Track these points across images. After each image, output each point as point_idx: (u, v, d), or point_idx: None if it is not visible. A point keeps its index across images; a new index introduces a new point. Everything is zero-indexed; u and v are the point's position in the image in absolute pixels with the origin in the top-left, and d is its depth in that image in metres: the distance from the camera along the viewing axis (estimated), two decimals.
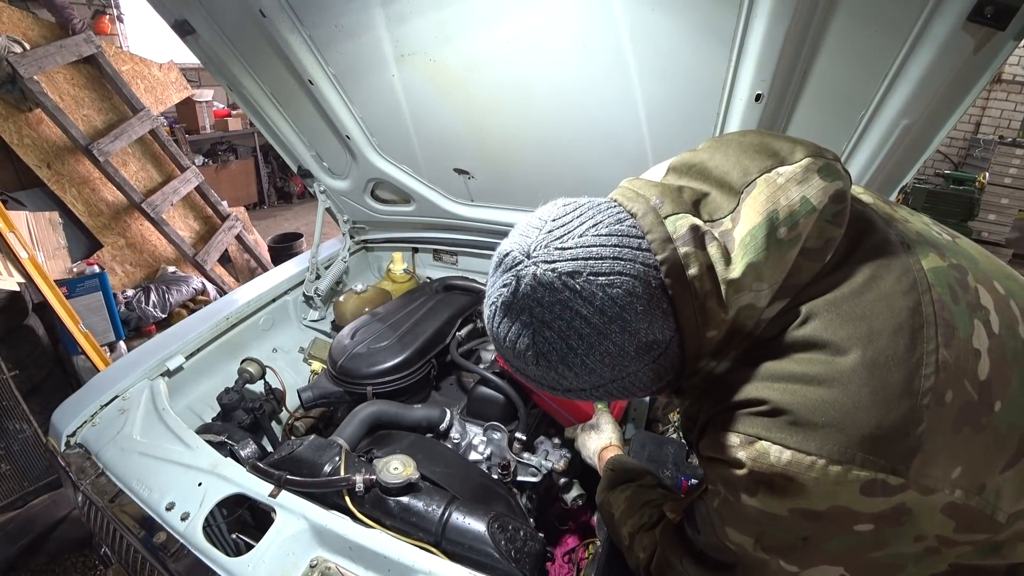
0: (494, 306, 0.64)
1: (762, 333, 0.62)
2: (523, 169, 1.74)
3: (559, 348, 0.60)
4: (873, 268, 0.60)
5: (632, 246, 0.60)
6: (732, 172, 0.64)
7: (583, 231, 0.60)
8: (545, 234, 0.61)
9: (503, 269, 0.63)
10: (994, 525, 0.59)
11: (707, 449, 0.66)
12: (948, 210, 5.48)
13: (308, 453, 1.25)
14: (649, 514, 0.87)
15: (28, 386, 2.46)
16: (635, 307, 0.58)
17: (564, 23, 1.27)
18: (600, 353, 0.60)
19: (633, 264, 0.59)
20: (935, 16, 0.96)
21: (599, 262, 0.58)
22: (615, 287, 0.58)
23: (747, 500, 0.61)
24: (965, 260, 0.64)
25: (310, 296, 2.09)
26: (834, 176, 0.61)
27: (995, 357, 0.58)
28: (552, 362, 0.62)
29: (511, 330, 0.62)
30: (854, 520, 0.57)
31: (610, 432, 1.25)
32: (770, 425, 0.58)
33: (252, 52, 1.69)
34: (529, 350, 0.62)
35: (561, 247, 0.60)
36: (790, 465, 0.56)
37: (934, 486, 0.55)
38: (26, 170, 3.45)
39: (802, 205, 0.59)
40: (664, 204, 0.62)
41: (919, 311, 0.57)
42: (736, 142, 0.68)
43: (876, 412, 0.54)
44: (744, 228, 0.60)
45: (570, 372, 0.62)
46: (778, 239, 0.58)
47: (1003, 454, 0.58)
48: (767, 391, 0.59)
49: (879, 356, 0.56)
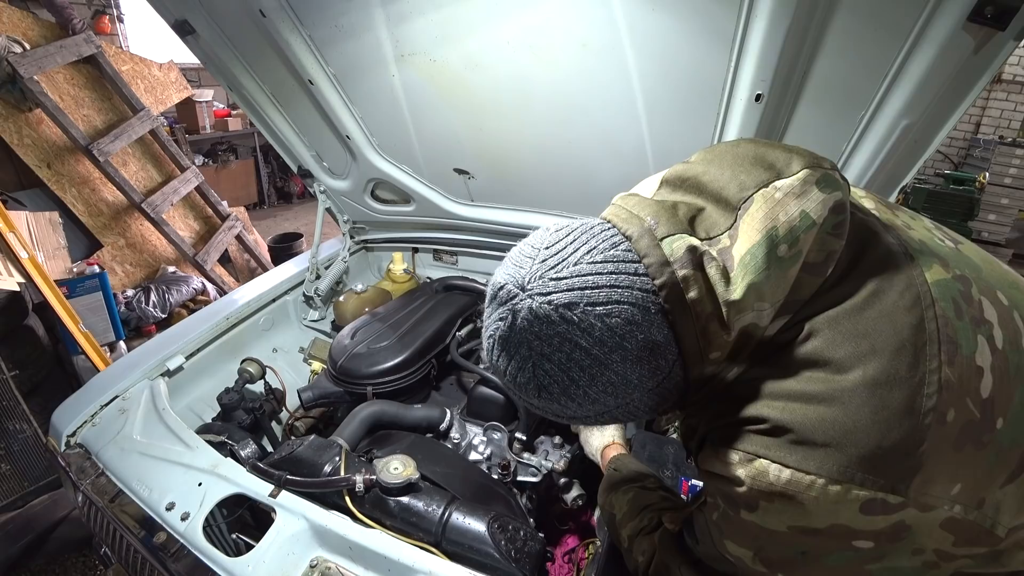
0: (492, 339, 0.63)
1: (763, 351, 0.62)
2: (523, 169, 1.74)
3: (560, 380, 0.60)
4: (876, 282, 0.59)
5: (628, 272, 0.58)
6: (728, 187, 0.62)
7: (577, 259, 0.59)
8: (539, 264, 0.60)
9: (498, 303, 0.61)
10: (993, 539, 0.58)
11: (706, 463, 0.65)
12: (948, 210, 5.47)
13: (308, 453, 1.25)
14: (649, 518, 0.87)
15: (28, 386, 2.46)
16: (635, 335, 0.57)
17: (564, 23, 1.27)
18: (603, 383, 0.59)
19: (631, 291, 0.57)
20: (935, 16, 0.96)
21: (596, 292, 0.57)
22: (613, 316, 0.56)
23: (746, 516, 0.60)
24: (969, 270, 0.63)
25: (310, 296, 2.09)
26: (833, 187, 0.60)
27: (998, 374, 0.57)
28: (554, 394, 0.61)
29: (511, 364, 0.61)
30: (853, 536, 0.56)
31: (614, 430, 1.24)
32: (770, 444, 0.57)
33: (252, 52, 1.69)
34: (531, 383, 0.61)
35: (556, 277, 0.58)
36: (789, 484, 0.56)
37: (934, 503, 0.55)
38: (26, 170, 3.46)
39: (802, 220, 0.57)
40: (659, 224, 0.60)
41: (922, 328, 0.56)
42: (731, 153, 0.66)
43: (877, 432, 0.54)
44: (743, 247, 0.58)
45: (573, 403, 0.62)
46: (779, 257, 0.57)
47: (1004, 470, 0.57)
48: (767, 409, 0.58)
49: (881, 375, 0.55)
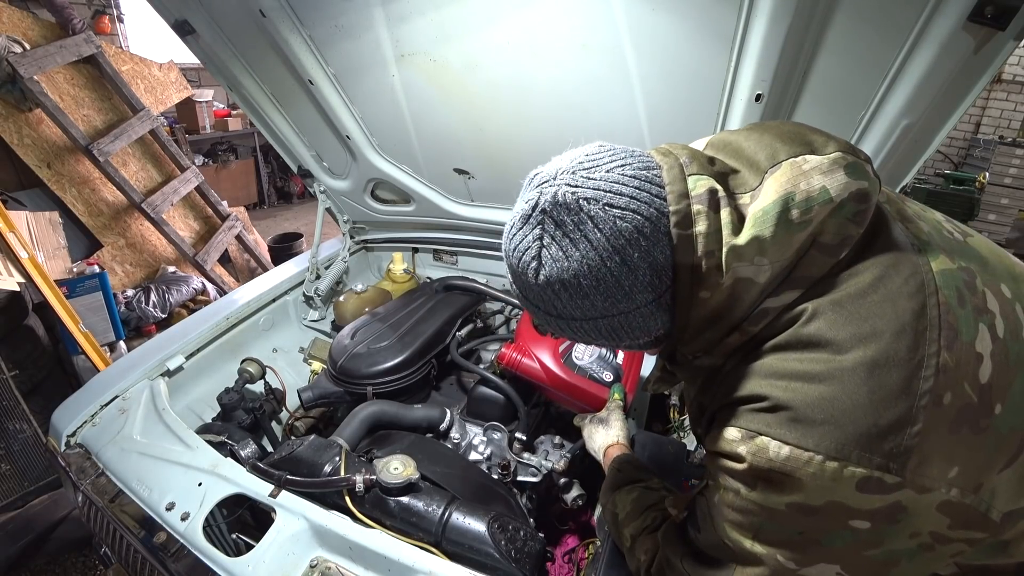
0: (513, 218, 0.69)
1: (766, 330, 0.63)
2: (523, 169, 1.70)
3: (561, 265, 0.63)
4: (882, 268, 0.61)
5: (651, 192, 0.63)
6: (761, 153, 0.66)
7: (610, 167, 0.64)
8: (576, 164, 0.66)
9: (531, 187, 0.68)
10: (988, 523, 0.59)
11: (711, 443, 0.67)
12: (948, 210, 5.30)
13: (308, 453, 1.25)
14: (653, 517, 0.87)
15: (28, 386, 2.46)
16: (639, 244, 0.61)
17: (564, 23, 1.27)
18: (596, 279, 0.63)
19: (648, 207, 0.62)
20: (935, 16, 0.96)
21: (618, 196, 0.62)
22: (626, 221, 0.61)
23: (746, 494, 0.62)
24: (975, 263, 0.64)
25: (310, 296, 2.09)
26: (861, 176, 0.61)
27: (997, 361, 0.58)
28: (551, 279, 0.65)
29: (523, 241, 0.66)
30: (850, 516, 0.57)
31: (619, 429, 1.23)
32: (770, 421, 0.59)
33: (252, 52, 1.69)
34: (533, 261, 0.65)
35: (587, 176, 0.64)
36: (788, 460, 0.57)
37: (930, 485, 0.56)
38: (26, 170, 3.45)
39: (820, 193, 0.60)
40: (691, 165, 0.65)
41: (924, 314, 0.58)
42: (775, 128, 0.70)
43: (873, 410, 0.55)
44: (760, 204, 0.61)
45: (565, 293, 0.65)
46: (788, 219, 0.59)
47: (1003, 456, 0.59)
48: (769, 388, 0.60)
49: (880, 356, 0.56)
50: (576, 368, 1.46)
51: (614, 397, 1.34)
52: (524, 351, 1.49)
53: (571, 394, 1.45)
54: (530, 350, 1.48)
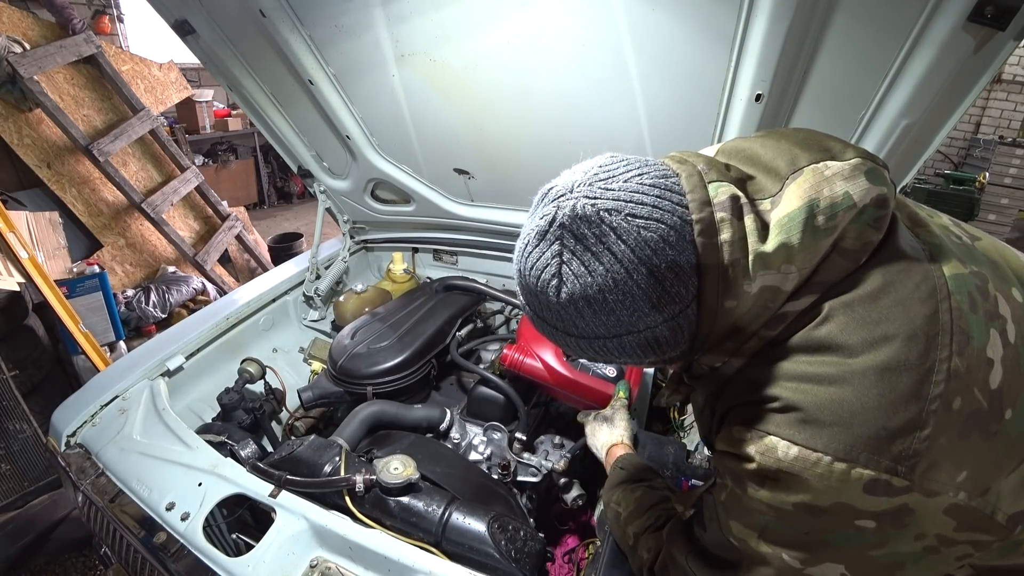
0: (527, 236, 0.65)
1: (781, 333, 0.63)
2: (523, 169, 1.74)
3: (584, 281, 0.60)
4: (893, 273, 0.60)
5: (673, 200, 0.61)
6: (780, 159, 0.65)
7: (628, 177, 0.62)
8: (591, 175, 0.63)
9: (545, 201, 0.64)
10: (993, 525, 0.59)
11: (721, 443, 0.67)
12: (948, 210, 5.31)
13: (308, 453, 1.25)
14: (656, 516, 0.87)
15: (28, 386, 2.46)
16: (666, 253, 0.59)
17: (564, 23, 1.27)
18: (622, 293, 0.60)
19: (672, 216, 0.60)
20: (935, 16, 0.96)
21: (639, 206, 0.59)
22: (650, 231, 0.59)
23: (753, 493, 0.62)
24: (985, 267, 0.64)
25: (310, 296, 2.09)
26: (880, 181, 0.61)
27: (1008, 367, 0.58)
28: (573, 297, 0.61)
29: (540, 258, 0.63)
30: (856, 516, 0.57)
31: (623, 429, 1.23)
32: (780, 421, 0.59)
33: (252, 52, 1.69)
34: (554, 279, 0.62)
35: (605, 187, 0.61)
36: (796, 460, 0.57)
37: (939, 489, 0.56)
38: (26, 170, 3.45)
39: (844, 199, 0.59)
40: (710, 172, 0.64)
41: (935, 319, 0.58)
42: (790, 135, 0.69)
43: (883, 414, 0.55)
44: (783, 211, 0.61)
45: (589, 310, 0.62)
46: (815, 226, 0.59)
47: (1012, 460, 0.59)
48: (780, 389, 0.60)
49: (891, 361, 0.56)
50: (579, 365, 1.46)
51: (619, 395, 1.33)
52: (526, 351, 1.49)
53: (576, 392, 1.45)
54: (532, 350, 1.48)
